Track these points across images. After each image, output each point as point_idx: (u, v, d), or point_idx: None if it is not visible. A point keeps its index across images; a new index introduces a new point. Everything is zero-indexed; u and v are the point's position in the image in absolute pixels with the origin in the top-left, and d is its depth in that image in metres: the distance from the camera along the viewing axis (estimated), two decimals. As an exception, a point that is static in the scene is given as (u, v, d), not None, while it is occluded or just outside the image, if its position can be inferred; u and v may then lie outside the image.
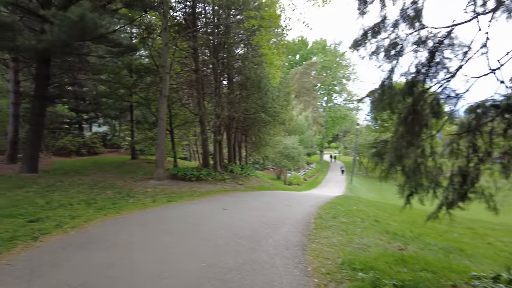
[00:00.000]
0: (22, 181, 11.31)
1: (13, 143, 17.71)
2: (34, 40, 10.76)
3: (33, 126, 13.25)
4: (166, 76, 12.45)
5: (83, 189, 10.56)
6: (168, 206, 8.67)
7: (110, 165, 19.09)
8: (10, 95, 17.88)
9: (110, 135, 32.09)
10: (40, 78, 13.43)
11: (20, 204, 7.70)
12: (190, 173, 13.26)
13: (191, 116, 18.32)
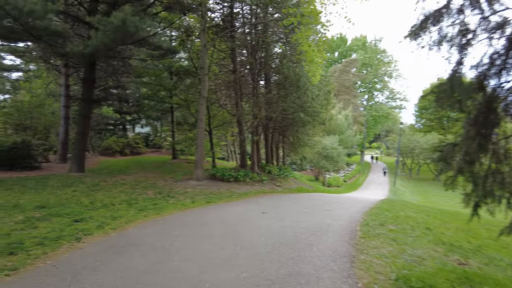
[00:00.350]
0: (71, 180, 11.85)
1: (64, 143, 18.79)
2: (81, 45, 11.21)
3: (81, 127, 13.88)
4: (205, 78, 12.45)
5: (125, 189, 10.82)
6: (207, 207, 8.57)
7: (152, 165, 19.63)
8: (62, 98, 18.98)
9: (152, 136, 33.20)
10: (86, 81, 14.04)
11: (67, 203, 7.98)
12: (228, 174, 13.17)
13: (229, 116, 18.30)
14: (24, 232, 5.45)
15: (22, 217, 6.51)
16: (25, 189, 9.84)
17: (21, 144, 15.47)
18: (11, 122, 21.72)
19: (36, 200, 8.24)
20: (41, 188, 10.16)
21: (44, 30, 11.05)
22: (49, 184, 10.90)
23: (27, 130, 21.95)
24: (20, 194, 9.02)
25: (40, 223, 6.07)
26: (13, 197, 8.60)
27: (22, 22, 10.56)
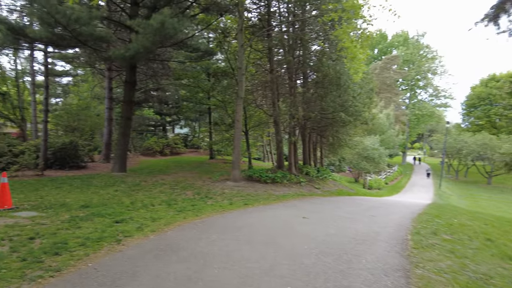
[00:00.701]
0: (113, 180, 12.21)
1: (108, 144, 19.58)
2: (123, 49, 11.52)
3: (123, 128, 14.31)
4: (242, 78, 12.30)
5: (164, 189, 10.94)
6: (245, 210, 8.36)
7: (190, 165, 19.91)
8: (105, 101, 19.80)
9: (190, 136, 33.88)
10: (128, 84, 14.46)
11: (109, 203, 8.13)
12: (265, 175, 12.92)
13: (265, 117, 18.07)
14: (68, 231, 5.54)
15: (68, 216, 6.69)
16: (71, 188, 10.25)
17: (69, 145, 16.29)
18: (62, 124, 23.07)
19: (81, 199, 8.50)
20: (85, 187, 10.53)
21: (90, 36, 11.47)
22: (93, 183, 11.30)
23: (75, 131, 23.20)
24: (67, 193, 9.38)
25: (84, 222, 6.18)
26: (61, 195, 8.96)
27: (70, 29, 11.03)
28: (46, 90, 16.16)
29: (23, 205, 7.67)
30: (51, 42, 12.40)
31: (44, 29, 11.61)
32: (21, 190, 9.65)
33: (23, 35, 12.15)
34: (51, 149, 15.89)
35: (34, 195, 8.82)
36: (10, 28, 12.13)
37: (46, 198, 8.52)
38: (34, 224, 5.88)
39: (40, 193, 9.23)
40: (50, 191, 9.63)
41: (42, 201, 8.12)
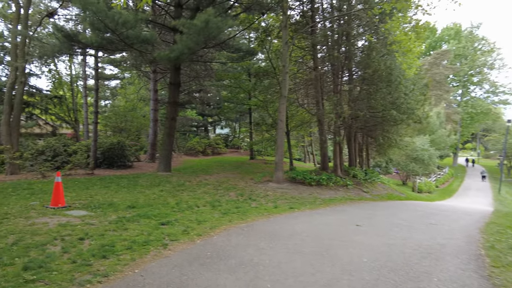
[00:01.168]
0: (158, 180, 12.36)
1: (153, 144, 20.09)
2: (168, 50, 11.61)
3: (167, 129, 14.50)
4: (285, 76, 11.88)
5: (208, 190, 10.82)
6: (291, 214, 7.94)
7: (231, 165, 19.86)
8: (151, 102, 20.35)
9: (231, 137, 34.10)
10: (172, 85, 14.63)
11: (154, 204, 8.11)
12: (309, 177, 12.39)
13: (308, 116, 17.48)
14: (115, 233, 5.48)
15: (115, 216, 6.70)
16: (119, 188, 10.46)
17: (117, 145, 16.89)
18: (110, 125, 24.14)
19: (127, 199, 8.58)
20: (132, 187, 10.71)
21: (136, 38, 11.69)
22: (139, 183, 11.48)
23: (122, 132, 24.17)
24: (114, 193, 9.56)
25: (130, 224, 6.12)
26: (109, 195, 9.13)
27: (118, 32, 11.30)
28: (96, 93, 16.88)
29: (74, 203, 7.86)
30: (101, 46, 12.84)
31: (95, 35, 12.04)
32: (73, 188, 10.01)
33: (77, 41, 12.71)
34: (100, 149, 16.58)
35: (84, 194, 9.07)
36: (66, 35, 12.74)
37: (95, 197, 8.71)
38: (84, 224, 5.91)
39: (90, 192, 9.49)
40: (99, 190, 9.88)
41: (92, 200, 8.29)
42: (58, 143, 16.40)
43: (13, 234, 5.24)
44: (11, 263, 4.10)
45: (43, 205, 7.54)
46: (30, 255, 4.38)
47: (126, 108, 25.43)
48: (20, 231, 5.37)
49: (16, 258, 4.25)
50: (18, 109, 14.78)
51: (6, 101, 14.49)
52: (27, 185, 10.54)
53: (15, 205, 7.46)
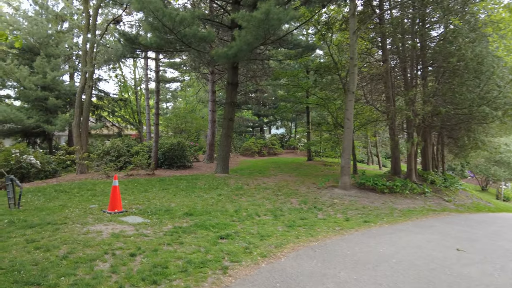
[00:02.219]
0: (216, 182, 11.76)
1: (211, 144, 19.83)
2: (226, 47, 10.95)
3: (225, 129, 13.92)
4: (354, 69, 10.50)
5: (267, 195, 9.90)
6: (368, 230, 6.64)
7: (288, 166, 18.82)
8: (209, 103, 20.12)
9: (286, 137, 33.01)
10: (230, 85, 14.01)
11: (213, 211, 7.38)
12: (381, 184, 10.82)
13: (375, 114, 15.73)
14: (170, 249, 4.77)
15: (171, 225, 6.07)
16: (177, 190, 10.01)
17: (177, 145, 16.82)
18: (171, 126, 24.56)
19: (185, 204, 7.98)
20: (190, 189, 10.19)
21: (193, 37, 11.22)
22: (197, 186, 10.97)
23: (182, 133, 24.44)
24: (172, 196, 9.08)
25: (186, 236, 5.41)
26: (166, 199, 8.65)
27: (176, 31, 10.92)
28: (157, 95, 16.99)
29: (131, 208, 7.45)
30: (160, 47, 12.64)
31: (154, 35, 11.83)
32: (132, 191, 9.77)
33: (138, 44, 12.70)
34: (161, 149, 16.64)
35: (142, 197, 8.71)
36: (127, 38, 12.80)
37: (153, 201, 8.27)
38: (138, 235, 5.33)
39: (148, 195, 9.12)
40: (157, 193, 9.50)
41: (149, 204, 7.84)
42: (122, 143, 16.82)
43: (66, 244, 4.79)
44: (56, 284, 3.54)
45: (101, 209, 7.23)
46: (77, 274, 3.81)
47: (186, 110, 25.73)
48: (73, 241, 4.92)
49: (62, 278, 3.70)
50: (87, 112, 15.34)
51: (77, 104, 15.10)
52: (91, 186, 10.60)
53: (76, 208, 7.25)
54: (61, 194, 9.23)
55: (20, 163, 13.29)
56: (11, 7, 20.40)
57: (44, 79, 17.42)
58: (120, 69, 26.43)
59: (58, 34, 19.71)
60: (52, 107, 18.11)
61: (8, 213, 6.79)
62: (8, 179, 7.55)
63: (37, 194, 9.15)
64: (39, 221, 6.06)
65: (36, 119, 17.24)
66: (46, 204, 7.79)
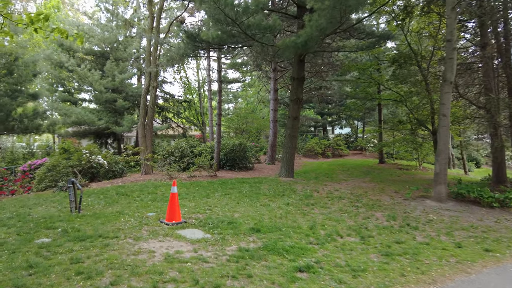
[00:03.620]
0: (281, 187, 10.46)
1: (273, 145, 18.64)
2: (294, 36, 9.62)
3: (289, 129, 12.59)
4: (453, 54, 8.37)
5: (344, 206, 8.29)
6: (501, 267, 4.69)
7: (358, 170, 16.80)
8: (270, 102, 18.95)
9: (352, 137, 30.48)
10: (296, 80, 12.64)
11: (283, 226, 6.06)
12: (488, 196, 8.50)
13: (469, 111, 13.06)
14: (236, 285, 3.57)
15: (235, 245, 4.90)
16: (240, 196, 8.92)
17: (239, 146, 15.95)
18: (232, 126, 23.95)
19: (250, 215, 6.79)
20: (254, 196, 9.02)
21: (257, 27, 10.08)
22: (261, 191, 9.78)
23: (243, 133, 23.67)
24: (235, 204, 7.98)
25: (255, 264, 4.17)
26: (229, 207, 7.57)
27: (239, 22, 9.89)
28: (219, 95, 16.29)
29: (191, 218, 6.48)
30: (222, 42, 11.75)
31: (216, 29, 10.98)
32: (193, 195, 8.93)
33: (199, 40, 11.99)
34: (223, 150, 15.91)
35: (203, 204, 7.75)
36: (189, 35, 12.17)
37: (214, 210, 7.24)
38: (196, 260, 4.22)
39: (210, 201, 8.16)
40: (220, 199, 8.50)
41: (210, 214, 6.82)
42: (186, 144, 16.46)
43: (112, 269, 3.87)
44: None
45: (159, 218, 6.37)
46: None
47: (247, 110, 24.96)
48: (120, 264, 3.98)
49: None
50: (151, 112, 15.17)
51: (142, 105, 15.00)
52: (152, 189, 10.05)
53: (132, 216, 6.50)
54: (122, 197, 8.72)
55: (90, 163, 13.47)
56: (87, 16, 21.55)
57: (113, 82, 17.86)
58: (184, 71, 26.70)
59: (127, 38, 20.23)
60: (120, 109, 18.55)
61: (66, 219, 6.26)
62: (70, 181, 7.12)
63: (99, 197, 8.77)
64: (91, 231, 5.34)
65: (106, 120, 17.73)
66: (104, 210, 7.22)
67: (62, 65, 17.39)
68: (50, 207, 7.70)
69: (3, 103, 10.62)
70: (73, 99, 19.43)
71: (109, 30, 18.68)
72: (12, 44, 11.85)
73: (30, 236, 5.18)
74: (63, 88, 19.34)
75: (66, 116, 16.83)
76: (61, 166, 12.92)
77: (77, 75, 17.15)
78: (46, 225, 5.78)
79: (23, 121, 11.52)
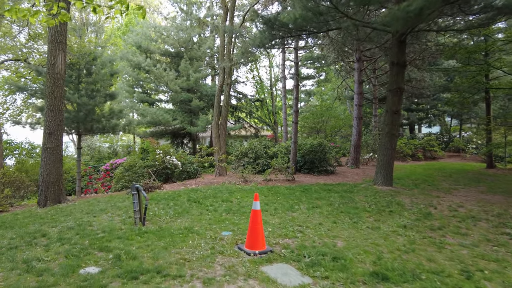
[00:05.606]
0: (383, 199, 8.08)
1: (357, 146, 16.06)
2: (405, 2, 7.21)
3: (388, 126, 10.06)
4: None
5: (487, 232, 5.63)
6: None
7: (463, 176, 13.33)
8: (354, 96, 16.39)
9: (446, 136, 25.75)
10: (396, 66, 10.06)
11: (417, 269, 3.84)
12: None
13: None
14: None
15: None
16: (334, 211, 6.86)
17: (318, 147, 13.85)
18: (307, 125, 21.84)
19: (359, 247, 4.69)
20: (353, 211, 6.87)
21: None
22: (357, 203, 7.58)
23: (318, 133, 21.38)
24: (331, 224, 5.94)
25: None
26: (325, 229, 5.57)
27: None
28: (296, 90, 14.39)
29: (277, 243, 4.69)
30: (305, 23, 9.78)
31: (300, 7, 9.08)
32: (274, 206, 7.17)
33: (278, 25, 10.26)
34: (300, 151, 13.98)
35: (289, 221, 5.91)
36: (266, 21, 10.53)
37: (306, 232, 5.33)
38: None
39: (297, 218, 6.28)
40: (308, 214, 6.58)
41: (302, 239, 4.94)
42: (259, 144, 14.96)
43: None
44: None
45: (236, 241, 4.71)
46: None
47: (323, 107, 22.60)
48: None
49: None
50: (225, 111, 13.95)
51: (216, 104, 13.88)
52: (227, 195, 8.59)
53: (203, 236, 4.95)
54: (193, 205, 7.37)
55: (164, 163, 12.73)
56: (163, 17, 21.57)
57: (188, 81, 17.23)
58: (257, 70, 25.42)
59: (201, 38, 19.59)
60: (195, 109, 17.88)
61: (126, 236, 4.99)
62: (133, 187, 5.90)
63: (168, 204, 7.56)
64: (149, 261, 3.88)
65: (181, 120, 17.17)
66: (171, 223, 5.85)
67: (140, 67, 17.36)
68: (115, 215, 6.65)
69: (83, 102, 10.23)
70: (151, 99, 19.47)
71: (183, 29, 18.16)
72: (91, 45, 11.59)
73: (78, 262, 3.92)
74: (141, 89, 19.48)
75: (142, 116, 16.71)
76: (137, 166, 12.41)
77: (153, 75, 16.90)
78: (101, 245, 4.53)
79: (101, 120, 11.13)
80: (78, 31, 11.34)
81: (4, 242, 4.85)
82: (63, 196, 8.80)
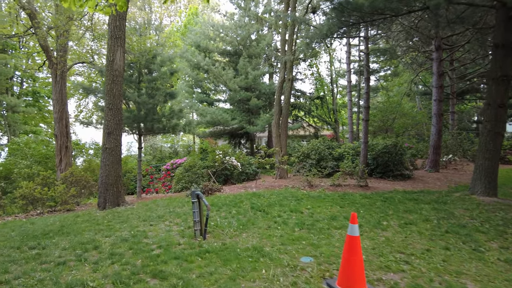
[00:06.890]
0: (492, 214, 6.22)
1: (436, 147, 13.76)
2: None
3: (491, 123, 8.03)
4: None
5: None
6: None
7: None
8: (433, 90, 14.07)
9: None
10: (500, 49, 7.99)
11: None
12: None
13: None
14: None
15: None
16: (432, 230, 5.30)
17: (393, 148, 12.01)
18: (375, 124, 19.74)
19: (490, 286, 3.23)
20: (462, 232, 5.23)
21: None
22: (464, 222, 5.86)
23: (387, 133, 19.17)
24: (445, 251, 4.44)
25: None
26: (439, 260, 4.11)
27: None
28: (367, 82, 12.69)
29: (379, 281, 3.40)
30: (382, 6, 8.25)
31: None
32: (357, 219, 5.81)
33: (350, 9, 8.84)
34: (371, 153, 12.26)
35: (385, 245, 4.55)
36: (335, 5, 9.18)
37: (415, 264, 3.92)
38: None
39: (393, 239, 4.87)
40: (406, 235, 5.11)
41: (412, 275, 3.57)
42: (322, 145, 13.55)
43: None
44: None
45: (323, 275, 3.52)
46: None
47: (392, 103, 20.25)
48: None
49: None
50: (286, 109, 12.81)
51: (276, 101, 12.83)
52: (294, 203, 7.42)
53: (278, 262, 3.86)
54: (258, 215, 6.36)
55: (223, 164, 12.02)
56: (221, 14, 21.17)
57: (246, 80, 16.46)
58: (317, 66, 23.83)
59: (259, 34, 18.72)
60: (253, 108, 17.05)
61: (184, 255, 4.13)
62: (194, 194, 5.07)
63: (230, 211, 6.65)
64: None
65: (239, 120, 16.47)
66: (236, 238, 4.89)
67: (199, 66, 17.05)
68: (173, 223, 5.91)
69: (142, 101, 9.90)
70: (210, 99, 19.15)
71: (242, 26, 17.45)
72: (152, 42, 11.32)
73: (127, 292, 3.09)
74: (200, 89, 19.26)
75: (201, 116, 16.36)
76: (197, 166, 11.88)
77: (212, 74, 16.44)
78: (155, 268, 3.69)
79: (161, 120, 10.76)
80: (138, 29, 11.17)
81: (56, 254, 4.30)
82: (122, 198, 8.45)
